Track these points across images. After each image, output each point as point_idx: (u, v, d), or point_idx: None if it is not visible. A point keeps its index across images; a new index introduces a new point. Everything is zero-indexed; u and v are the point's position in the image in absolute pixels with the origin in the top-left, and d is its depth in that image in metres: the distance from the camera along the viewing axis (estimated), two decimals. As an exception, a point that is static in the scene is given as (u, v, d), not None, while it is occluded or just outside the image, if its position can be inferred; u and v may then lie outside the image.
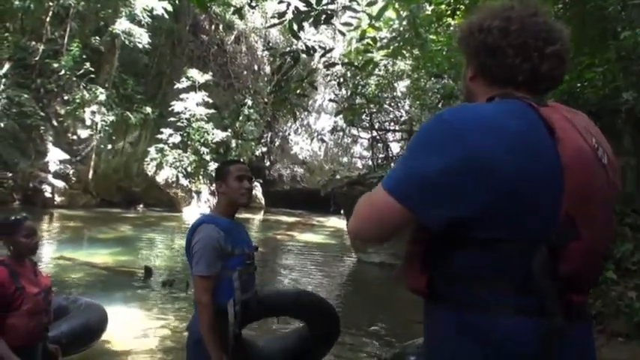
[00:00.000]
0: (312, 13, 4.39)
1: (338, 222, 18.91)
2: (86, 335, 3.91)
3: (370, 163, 15.56)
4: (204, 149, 19.36)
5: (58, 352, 3.04)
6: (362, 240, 1.19)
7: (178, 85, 19.04)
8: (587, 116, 1.13)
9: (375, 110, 11.73)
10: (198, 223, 2.42)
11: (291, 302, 2.97)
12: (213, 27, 22.73)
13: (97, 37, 17.94)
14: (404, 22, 7.53)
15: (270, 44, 23.66)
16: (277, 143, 27.01)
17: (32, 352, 2.81)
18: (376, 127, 12.26)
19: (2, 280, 2.68)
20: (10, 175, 15.29)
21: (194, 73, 19.09)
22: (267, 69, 24.70)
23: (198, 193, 19.80)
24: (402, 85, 13.31)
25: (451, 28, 8.79)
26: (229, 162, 2.67)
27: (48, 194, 16.26)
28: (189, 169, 19.16)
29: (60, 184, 16.66)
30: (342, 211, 13.64)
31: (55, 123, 16.91)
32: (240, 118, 21.77)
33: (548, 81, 1.10)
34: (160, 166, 18.89)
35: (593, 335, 1.13)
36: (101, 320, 4.14)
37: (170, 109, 18.86)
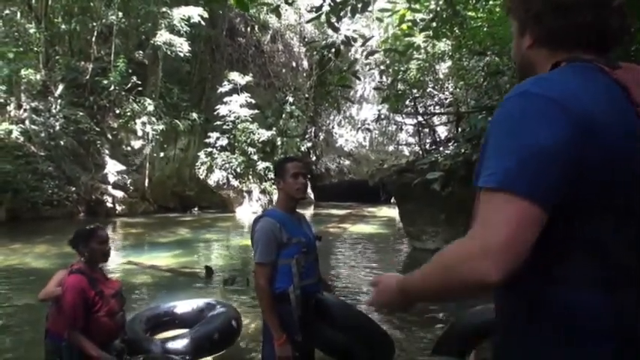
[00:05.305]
0: (349, 3, 4.39)
1: (389, 211, 18.81)
2: (226, 336, 4.10)
3: (417, 149, 15.34)
4: (251, 149, 19.77)
5: (124, 351, 3.21)
6: (509, 272, 0.85)
7: (221, 89, 19.50)
8: None
9: (418, 95, 11.53)
10: (259, 217, 2.62)
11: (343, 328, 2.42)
12: (248, 29, 23.05)
13: (141, 51, 18.71)
14: (440, 2, 7.34)
15: (306, 39, 23.73)
16: (322, 137, 27.13)
17: (108, 349, 3.02)
18: (421, 111, 12.03)
19: (84, 287, 2.92)
20: (74, 189, 16.17)
21: (235, 76, 19.49)
22: (305, 64, 24.82)
23: (249, 192, 20.21)
24: (443, 67, 13.01)
25: (490, 2, 8.51)
26: (286, 159, 2.80)
27: (109, 204, 17.13)
28: (238, 170, 19.61)
29: (119, 194, 17.50)
30: (392, 200, 13.55)
31: (110, 136, 17.75)
32: (283, 115, 22.06)
33: (616, 38, 1.04)
34: (210, 170, 19.45)
35: None
36: (235, 322, 4.28)
37: (215, 113, 19.39)
